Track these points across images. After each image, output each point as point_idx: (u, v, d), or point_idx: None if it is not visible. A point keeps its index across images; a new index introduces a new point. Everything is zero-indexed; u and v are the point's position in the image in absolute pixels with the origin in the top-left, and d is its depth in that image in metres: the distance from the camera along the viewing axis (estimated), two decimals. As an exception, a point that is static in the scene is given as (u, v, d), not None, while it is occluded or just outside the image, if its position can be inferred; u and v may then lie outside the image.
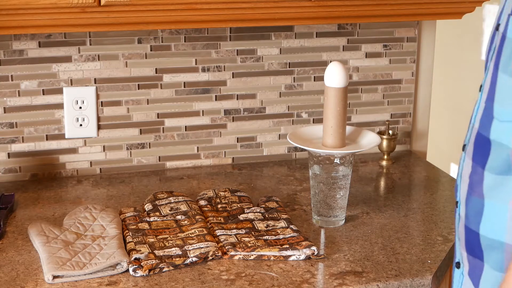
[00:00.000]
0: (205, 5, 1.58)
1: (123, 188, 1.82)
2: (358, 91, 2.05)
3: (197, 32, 1.89)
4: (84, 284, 1.35)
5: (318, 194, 1.59)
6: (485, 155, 1.08)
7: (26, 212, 1.67)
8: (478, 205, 1.09)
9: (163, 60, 1.88)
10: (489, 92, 1.08)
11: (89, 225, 1.54)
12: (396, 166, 2.00)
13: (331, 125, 1.59)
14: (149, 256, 1.41)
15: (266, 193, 1.78)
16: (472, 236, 1.11)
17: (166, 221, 1.57)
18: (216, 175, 1.92)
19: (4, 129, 1.82)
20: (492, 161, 1.07)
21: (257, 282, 1.36)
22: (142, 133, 1.92)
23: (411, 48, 2.06)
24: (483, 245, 1.09)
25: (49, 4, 1.47)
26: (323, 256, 1.46)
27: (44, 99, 1.83)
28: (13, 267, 1.41)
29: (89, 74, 1.84)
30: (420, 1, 1.75)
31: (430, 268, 1.43)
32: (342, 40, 2.00)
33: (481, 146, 1.09)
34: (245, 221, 1.57)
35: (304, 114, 2.02)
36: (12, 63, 1.78)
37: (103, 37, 1.83)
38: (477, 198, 1.09)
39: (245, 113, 1.98)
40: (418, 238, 1.56)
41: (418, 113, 2.13)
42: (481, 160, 1.09)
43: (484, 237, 1.08)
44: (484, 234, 1.08)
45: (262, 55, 1.95)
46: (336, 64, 1.59)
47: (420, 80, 2.11)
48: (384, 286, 1.37)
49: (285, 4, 1.64)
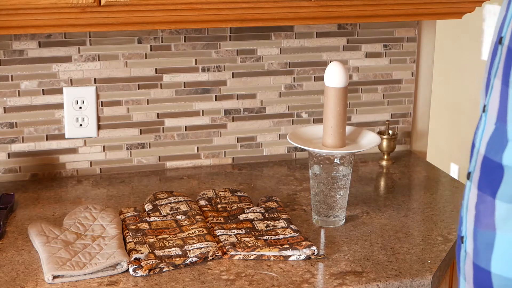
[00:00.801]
0: (205, 5, 1.58)
1: (123, 188, 1.82)
2: (358, 91, 2.05)
3: (197, 32, 1.89)
4: (84, 284, 1.35)
5: (318, 194, 1.59)
6: (496, 182, 0.97)
7: (26, 212, 1.67)
8: (489, 239, 0.98)
9: (163, 60, 1.88)
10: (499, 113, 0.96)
11: (89, 225, 1.54)
12: (396, 166, 2.00)
13: (331, 125, 1.59)
14: (149, 256, 1.41)
15: (266, 193, 1.79)
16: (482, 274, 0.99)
17: (166, 221, 1.57)
18: (216, 175, 1.92)
19: (4, 129, 1.82)
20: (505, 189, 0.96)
21: (257, 282, 1.36)
22: (142, 133, 1.92)
23: (411, 48, 2.06)
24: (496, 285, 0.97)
25: (49, 4, 1.47)
26: (323, 256, 1.46)
27: (44, 99, 1.83)
28: (13, 267, 1.41)
29: (89, 74, 1.84)
30: (420, 1, 1.75)
31: (430, 268, 1.43)
32: (342, 40, 2.00)
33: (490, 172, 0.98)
34: (245, 221, 1.57)
35: (304, 114, 2.02)
36: (12, 63, 1.78)
37: (103, 37, 1.83)
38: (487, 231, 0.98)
39: (245, 113, 1.98)
40: (418, 238, 1.56)
41: (418, 113, 2.13)
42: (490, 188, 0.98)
43: (497, 276, 0.97)
44: (496, 273, 0.97)
45: (262, 55, 1.95)
46: (336, 64, 1.59)
47: (420, 80, 2.11)
48: (384, 286, 1.37)
49: (285, 4, 1.64)
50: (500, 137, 0.96)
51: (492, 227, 0.97)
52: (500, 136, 0.96)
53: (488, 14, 3.89)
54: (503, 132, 0.96)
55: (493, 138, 0.97)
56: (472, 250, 1.01)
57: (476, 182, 1.00)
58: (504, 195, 0.95)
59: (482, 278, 0.99)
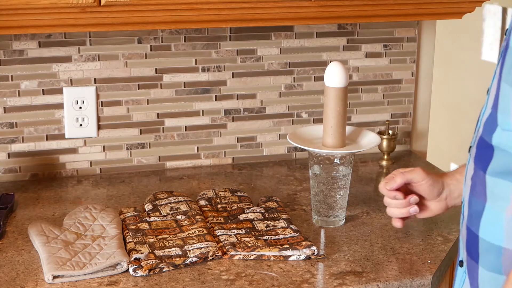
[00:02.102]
0: (205, 5, 1.58)
1: (123, 188, 1.82)
2: (358, 91, 2.05)
3: (197, 32, 1.89)
4: (84, 284, 1.35)
5: (318, 194, 1.59)
6: (487, 159, 1.08)
7: (26, 212, 1.67)
8: (479, 207, 1.10)
9: (163, 60, 1.88)
10: (494, 99, 1.07)
11: (89, 225, 1.54)
12: (396, 166, 2.00)
13: (331, 125, 1.59)
14: (149, 256, 1.41)
15: (266, 193, 1.79)
16: (472, 237, 1.11)
17: (166, 221, 1.57)
18: (216, 175, 1.92)
19: (4, 129, 1.82)
20: (494, 166, 1.07)
21: (257, 282, 1.36)
22: (142, 133, 1.92)
23: (411, 48, 2.06)
24: (481, 248, 1.09)
25: (49, 4, 1.47)
26: (323, 256, 1.46)
27: (44, 99, 1.83)
28: (13, 267, 1.41)
29: (89, 74, 1.84)
30: (420, 1, 1.75)
31: (430, 268, 1.43)
32: (342, 40, 2.00)
33: (483, 150, 1.10)
34: (245, 221, 1.57)
35: (304, 114, 2.02)
36: (12, 63, 1.78)
37: (103, 37, 1.83)
38: (479, 200, 1.10)
39: (245, 113, 1.98)
40: (418, 238, 1.56)
41: (418, 113, 2.13)
42: (482, 164, 1.09)
43: (483, 240, 1.09)
44: (483, 237, 1.09)
45: (262, 55, 1.95)
46: (336, 64, 1.59)
47: (420, 80, 2.11)
48: (384, 286, 1.37)
49: (285, 4, 1.64)
50: (492, 121, 1.08)
51: (483, 197, 1.09)
52: (492, 120, 1.08)
53: (488, 14, 3.89)
54: (494, 118, 1.07)
55: (488, 120, 1.09)
56: (467, 215, 1.13)
57: (473, 157, 1.13)
58: (493, 171, 1.07)
59: (472, 241, 1.11)
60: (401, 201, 1.47)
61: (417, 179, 1.46)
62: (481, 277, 1.10)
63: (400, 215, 1.49)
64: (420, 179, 1.46)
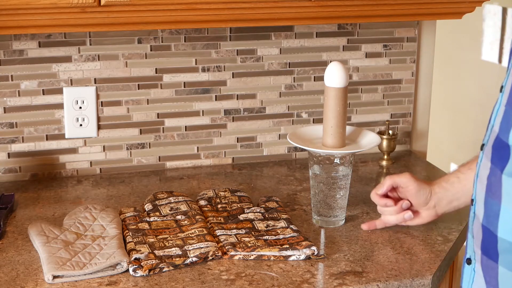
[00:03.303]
0: (205, 5, 1.58)
1: (123, 188, 1.82)
2: (358, 91, 2.05)
3: (197, 32, 1.89)
4: (84, 284, 1.35)
5: (318, 194, 1.59)
6: (504, 159, 1.06)
7: (26, 212, 1.67)
8: (496, 208, 1.08)
9: (163, 60, 1.88)
10: (509, 96, 1.05)
11: (89, 225, 1.54)
12: (396, 166, 2.00)
13: (331, 125, 1.59)
14: (149, 256, 1.41)
15: (266, 193, 1.79)
16: (489, 236, 1.09)
17: (166, 221, 1.57)
18: (216, 175, 1.92)
19: (4, 129, 1.82)
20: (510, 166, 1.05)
21: (257, 282, 1.36)
22: (142, 133, 1.92)
23: (411, 48, 2.06)
24: (500, 248, 1.08)
25: (49, 4, 1.47)
26: (323, 256, 1.46)
27: (44, 99, 1.83)
28: (13, 267, 1.41)
29: (89, 74, 1.84)
30: (420, 1, 1.75)
31: (430, 268, 1.43)
32: (342, 40, 2.00)
33: (500, 150, 1.07)
34: (245, 221, 1.57)
35: (304, 114, 2.02)
36: (12, 63, 1.78)
37: (103, 37, 1.83)
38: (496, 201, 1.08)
39: (245, 113, 1.98)
40: (418, 238, 1.56)
41: (418, 113, 2.13)
42: (500, 163, 1.07)
43: (503, 240, 1.07)
44: (502, 237, 1.07)
45: (262, 55, 1.95)
46: (336, 64, 1.59)
47: (420, 80, 2.11)
48: (384, 286, 1.37)
49: (285, 4, 1.64)
50: (508, 119, 1.05)
51: (499, 198, 1.06)
52: (508, 118, 1.05)
53: (488, 14, 3.89)
54: (509, 115, 1.04)
55: (504, 119, 1.06)
56: (482, 214, 1.11)
57: (489, 156, 1.10)
58: (509, 171, 1.04)
59: (490, 240, 1.09)
60: (393, 207, 1.51)
61: (405, 183, 1.49)
62: (501, 277, 1.09)
63: (397, 222, 1.55)
64: (408, 183, 1.49)
